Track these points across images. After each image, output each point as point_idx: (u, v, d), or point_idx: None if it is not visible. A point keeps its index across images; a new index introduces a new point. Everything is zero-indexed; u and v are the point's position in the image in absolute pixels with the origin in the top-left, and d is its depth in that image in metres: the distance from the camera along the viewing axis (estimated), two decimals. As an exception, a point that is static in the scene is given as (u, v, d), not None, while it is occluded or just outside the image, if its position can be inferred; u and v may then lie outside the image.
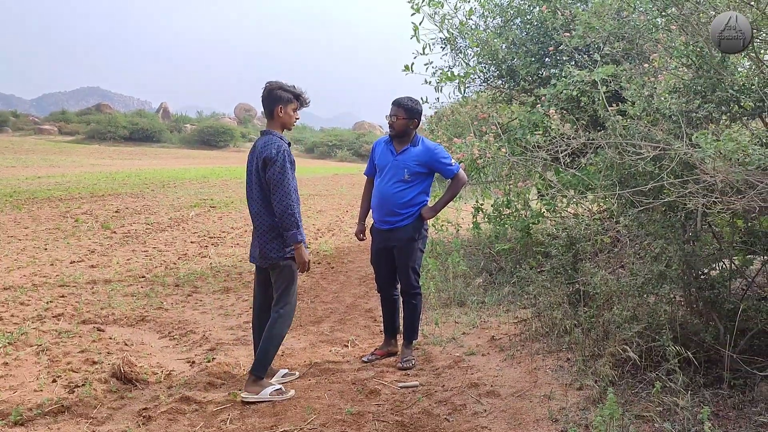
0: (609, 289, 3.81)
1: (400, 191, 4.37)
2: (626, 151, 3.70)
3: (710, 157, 2.98)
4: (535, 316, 4.77)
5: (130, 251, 8.99)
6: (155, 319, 5.67)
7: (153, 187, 19.06)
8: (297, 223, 3.77)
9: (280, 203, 3.74)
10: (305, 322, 5.65)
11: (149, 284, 7.00)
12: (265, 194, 3.84)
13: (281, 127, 3.98)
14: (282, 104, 3.93)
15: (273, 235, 3.86)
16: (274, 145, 3.79)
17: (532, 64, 6.93)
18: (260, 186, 3.85)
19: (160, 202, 15.17)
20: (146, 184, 19.90)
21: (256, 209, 3.89)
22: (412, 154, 4.39)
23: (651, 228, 3.69)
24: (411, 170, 4.36)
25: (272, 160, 3.75)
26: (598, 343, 3.88)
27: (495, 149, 5.84)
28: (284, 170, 3.75)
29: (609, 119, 4.06)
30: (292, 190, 3.77)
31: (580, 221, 5.03)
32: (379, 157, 4.54)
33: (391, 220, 4.41)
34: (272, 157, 3.75)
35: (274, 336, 3.87)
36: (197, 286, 6.98)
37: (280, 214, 3.74)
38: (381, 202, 4.45)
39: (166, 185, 20.13)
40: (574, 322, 4.19)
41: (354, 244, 10.12)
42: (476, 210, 7.11)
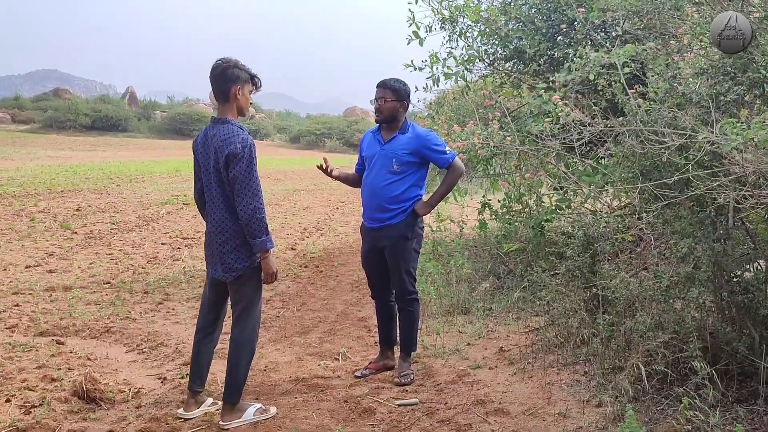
0: (631, 293, 3.82)
1: (389, 184, 4.36)
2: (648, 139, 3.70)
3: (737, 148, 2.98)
4: (549, 325, 4.78)
5: (93, 254, 8.96)
6: (122, 330, 5.65)
7: (118, 182, 19.01)
8: (266, 228, 3.68)
9: (248, 206, 3.62)
10: (290, 333, 5.65)
11: (115, 291, 6.98)
12: (228, 195, 3.72)
13: (237, 113, 3.83)
14: (240, 85, 3.78)
15: (239, 242, 3.74)
16: (239, 138, 3.65)
17: (542, 44, 6.93)
18: (222, 186, 3.73)
19: (126, 199, 15.13)
20: (111, 179, 19.84)
21: (219, 214, 3.76)
22: (400, 142, 4.38)
23: (677, 225, 3.69)
24: (400, 160, 4.35)
25: (237, 156, 3.62)
26: (619, 354, 3.89)
27: (500, 138, 5.84)
28: (251, 167, 3.65)
29: (629, 104, 4.07)
30: (259, 190, 3.68)
31: (598, 218, 5.04)
32: (367, 148, 4.55)
33: (381, 217, 4.41)
34: (237, 153, 3.61)
35: (242, 355, 3.82)
36: (169, 293, 6.97)
37: (248, 218, 3.62)
38: (369, 198, 4.45)
39: (134, 180, 20.08)
40: (592, 331, 4.20)
41: (345, 245, 10.12)
42: (482, 206, 7.12)
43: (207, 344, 3.97)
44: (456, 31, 7.49)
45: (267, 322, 5.94)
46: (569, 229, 4.97)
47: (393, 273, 4.46)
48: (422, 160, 4.42)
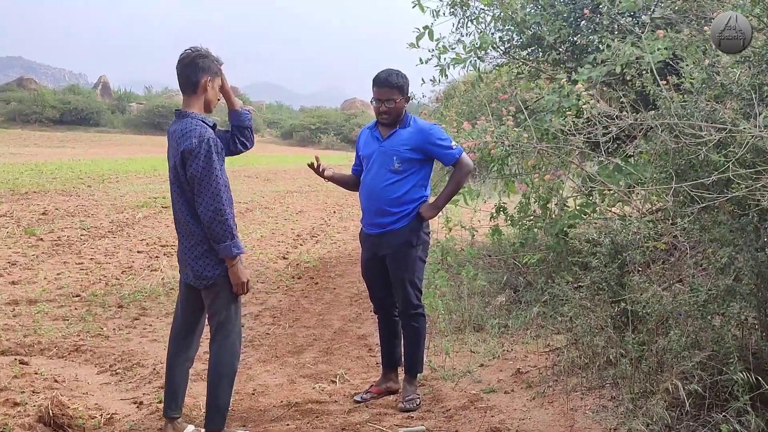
0: (664, 309, 3.81)
1: (390, 185, 4.37)
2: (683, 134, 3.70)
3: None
4: (572, 344, 4.77)
5: (61, 263, 8.98)
6: (93, 349, 5.65)
7: (90, 183, 19.05)
8: (231, 231, 3.66)
9: (208, 208, 3.62)
10: (282, 353, 5.65)
11: (85, 305, 6.99)
12: (189, 197, 3.71)
13: (204, 107, 3.84)
14: (211, 76, 3.80)
15: (206, 247, 3.74)
16: (195, 133, 3.64)
17: (563, 30, 6.94)
18: (182, 187, 3.73)
19: (98, 202, 15.16)
20: (81, 179, 19.89)
21: (182, 217, 3.78)
22: (401, 137, 4.39)
23: (716, 232, 3.69)
24: (402, 157, 4.35)
25: (193, 153, 3.60)
26: (651, 377, 3.88)
27: (515, 136, 5.85)
28: (210, 164, 3.62)
29: (661, 96, 4.07)
30: (222, 190, 3.65)
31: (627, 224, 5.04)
32: (364, 147, 4.56)
33: (382, 222, 4.41)
34: (193, 149, 3.60)
35: (222, 375, 3.82)
36: (146, 308, 6.97)
37: (209, 221, 3.62)
38: (369, 200, 4.46)
39: (107, 180, 20.13)
40: (620, 351, 4.19)
41: (343, 254, 10.13)
42: (497, 210, 7.12)
43: (181, 363, 3.96)
44: (467, 15, 7.51)
45: (256, 340, 5.95)
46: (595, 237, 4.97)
47: (396, 284, 4.46)
48: (426, 156, 4.43)
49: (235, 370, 3.89)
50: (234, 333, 3.86)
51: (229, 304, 3.83)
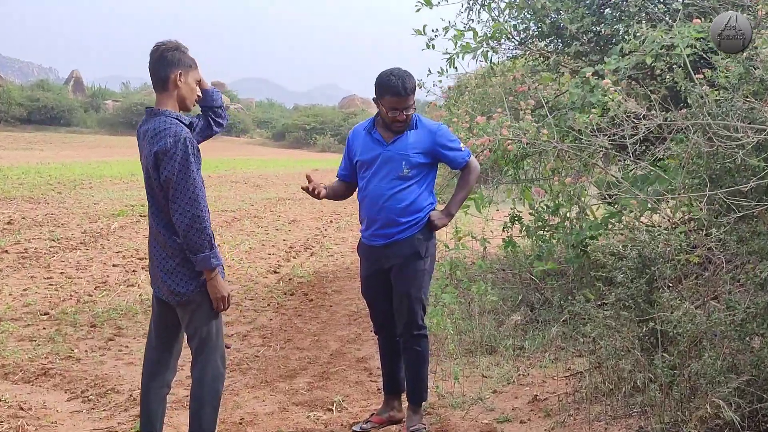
0: (697, 328, 3.80)
1: (398, 192, 4.35)
2: (719, 135, 3.70)
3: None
4: (595, 368, 4.76)
5: (27, 278, 8.98)
6: (62, 372, 5.65)
7: (60, 189, 19.07)
8: (209, 240, 3.63)
9: (185, 214, 3.57)
10: (273, 377, 5.64)
11: (54, 324, 6.98)
12: (162, 204, 3.70)
13: (179, 105, 3.82)
14: (182, 70, 3.77)
15: (179, 260, 3.70)
16: (170, 132, 3.62)
17: (586, 18, 6.95)
18: (153, 193, 3.73)
19: (69, 210, 15.17)
20: (51, 185, 19.91)
21: (155, 226, 3.76)
22: (409, 140, 4.37)
23: (755, 244, 3.69)
24: (411, 162, 4.34)
25: (168, 154, 3.58)
26: (683, 404, 3.87)
27: (534, 131, 5.84)
28: (187, 166, 3.58)
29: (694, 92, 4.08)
30: (200, 195, 3.62)
31: (656, 235, 5.03)
32: (362, 151, 4.49)
33: (388, 233, 4.40)
34: (168, 149, 3.58)
35: (205, 403, 3.81)
36: (122, 327, 6.97)
37: (185, 230, 3.58)
38: (373, 211, 4.43)
39: (79, 185, 20.15)
40: (648, 376, 4.18)
41: (341, 268, 10.12)
42: (511, 219, 7.11)
43: (157, 389, 3.93)
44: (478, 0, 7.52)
45: (244, 363, 5.94)
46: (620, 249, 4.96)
47: (400, 301, 4.44)
48: (434, 159, 4.44)
49: (220, 397, 3.87)
50: (216, 355, 3.83)
51: (209, 321, 3.79)
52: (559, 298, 6.08)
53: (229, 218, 14.90)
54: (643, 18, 6.20)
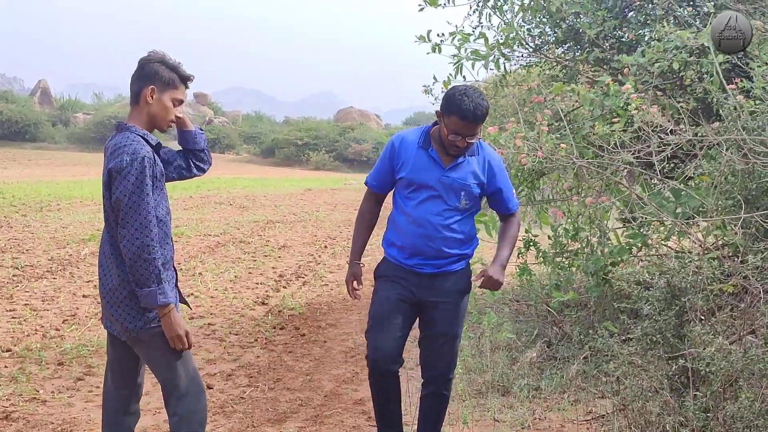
0: (732, 366, 3.80)
1: (454, 223, 4.31)
2: (754, 152, 3.72)
3: None
4: (619, 410, 4.76)
5: (-12, 310, 8.97)
6: (26, 416, 5.63)
7: (25, 211, 19.09)
8: (157, 274, 3.55)
9: (132, 242, 3.51)
10: (260, 422, 5.63)
11: (18, 362, 6.97)
12: (113, 227, 3.67)
13: (148, 123, 3.80)
14: (157, 86, 3.76)
15: (127, 292, 3.67)
16: (128, 149, 3.59)
17: (607, 22, 7.00)
18: (106, 214, 3.72)
19: (35, 234, 15.18)
20: (14, 206, 19.94)
21: (106, 250, 3.74)
22: (470, 168, 4.29)
23: (796, 271, 3.69)
24: (471, 194, 4.29)
25: (122, 172, 3.55)
26: (718, 451, 3.86)
27: (551, 143, 5.85)
28: (141, 188, 3.54)
29: (727, 105, 4.09)
30: (152, 221, 3.56)
31: (686, 262, 5.04)
32: (413, 168, 4.34)
33: (436, 263, 4.36)
34: (122, 168, 3.55)
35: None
36: (92, 366, 6.95)
37: (131, 259, 3.51)
38: (422, 241, 4.32)
39: (46, 208, 20.17)
40: (679, 419, 4.18)
41: (336, 299, 10.11)
42: (525, 245, 7.12)
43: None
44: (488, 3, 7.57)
45: (228, 406, 5.92)
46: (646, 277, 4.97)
47: (444, 341, 4.39)
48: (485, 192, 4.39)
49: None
50: (189, 398, 3.79)
51: (170, 362, 3.75)
52: (579, 333, 6.09)
53: (213, 243, 14.90)
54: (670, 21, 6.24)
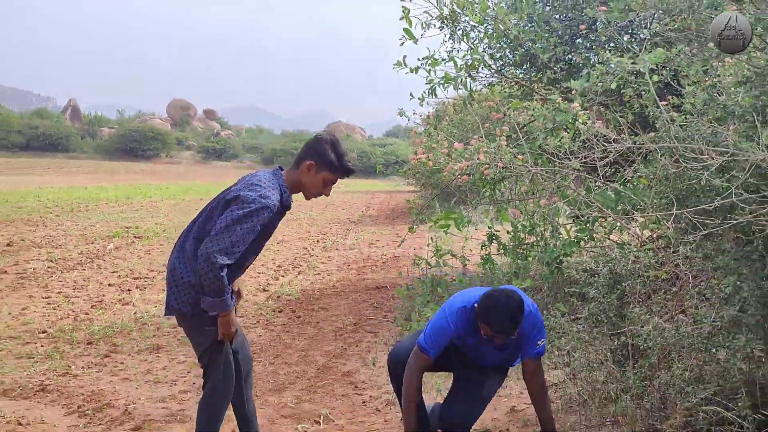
0: (666, 341, 3.82)
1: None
2: (684, 158, 3.73)
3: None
4: (570, 379, 4.77)
5: (26, 297, 8.89)
6: (60, 388, 5.59)
7: (58, 212, 18.95)
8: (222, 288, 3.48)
9: (214, 245, 3.45)
10: (262, 391, 5.60)
11: (52, 342, 6.92)
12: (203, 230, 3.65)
13: (295, 186, 3.81)
14: (316, 162, 3.76)
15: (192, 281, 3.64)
16: (262, 192, 3.56)
17: (558, 47, 7.02)
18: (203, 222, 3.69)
19: (67, 232, 15.07)
20: (49, 208, 19.79)
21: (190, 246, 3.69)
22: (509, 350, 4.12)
23: (719, 260, 3.71)
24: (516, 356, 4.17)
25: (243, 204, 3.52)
26: (653, 413, 3.87)
27: (509, 156, 5.87)
28: (248, 225, 3.50)
29: (661, 117, 4.11)
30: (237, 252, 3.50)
31: (626, 252, 5.06)
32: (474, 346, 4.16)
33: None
34: (246, 201, 3.52)
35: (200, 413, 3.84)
36: (117, 344, 6.91)
37: (205, 257, 3.44)
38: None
39: (76, 209, 20.03)
40: (621, 387, 4.19)
41: (327, 286, 10.09)
42: (488, 238, 7.12)
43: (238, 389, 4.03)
44: (458, 31, 7.57)
45: (234, 378, 5.89)
46: (592, 266, 4.99)
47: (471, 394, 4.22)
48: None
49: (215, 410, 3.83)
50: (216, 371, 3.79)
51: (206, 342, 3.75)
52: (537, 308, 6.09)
53: (220, 239, 14.82)
54: (612, 47, 6.27)
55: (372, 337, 7.22)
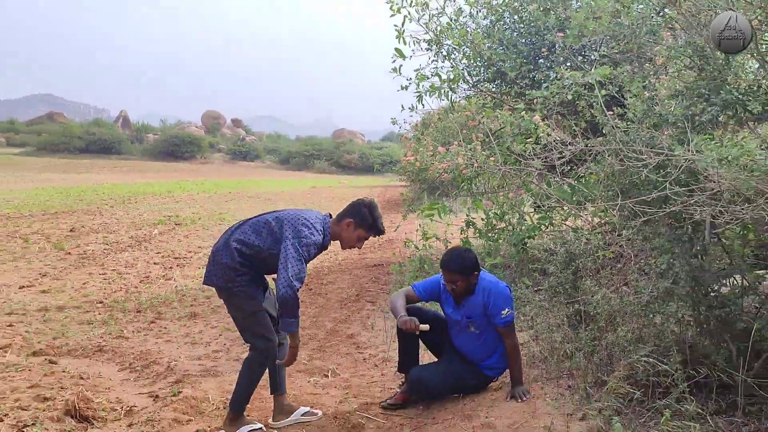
0: (612, 308, 3.82)
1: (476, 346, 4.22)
2: (627, 158, 3.72)
3: (713, 164, 3.01)
4: (533, 340, 4.77)
5: (86, 274, 8.88)
6: (114, 349, 5.59)
7: (112, 203, 18.91)
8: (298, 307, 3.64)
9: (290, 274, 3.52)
10: (281, 350, 5.61)
11: (107, 310, 6.92)
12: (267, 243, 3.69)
13: (335, 236, 3.85)
14: (355, 221, 3.82)
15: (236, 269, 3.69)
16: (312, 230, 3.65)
17: (524, 66, 7.01)
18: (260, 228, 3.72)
19: (119, 220, 15.04)
20: (104, 200, 19.74)
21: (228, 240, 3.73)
22: (471, 305, 4.15)
23: (656, 241, 3.71)
24: (478, 323, 4.14)
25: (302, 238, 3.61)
26: (602, 368, 3.88)
27: (483, 158, 5.87)
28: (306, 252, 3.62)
29: (608, 124, 4.10)
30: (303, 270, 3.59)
31: (579, 235, 5.06)
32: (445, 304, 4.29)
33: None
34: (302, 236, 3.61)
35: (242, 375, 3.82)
36: (161, 312, 6.91)
37: (286, 285, 3.52)
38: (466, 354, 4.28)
39: (127, 201, 19.99)
40: (575, 346, 4.19)
41: (333, 264, 10.09)
42: (466, 224, 7.13)
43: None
44: (442, 51, 7.55)
45: (257, 340, 5.90)
46: (551, 246, 4.98)
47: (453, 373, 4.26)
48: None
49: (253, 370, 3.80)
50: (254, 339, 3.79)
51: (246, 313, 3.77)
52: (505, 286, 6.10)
53: (246, 226, 14.82)
54: (567, 66, 6.25)
55: (371, 306, 7.23)
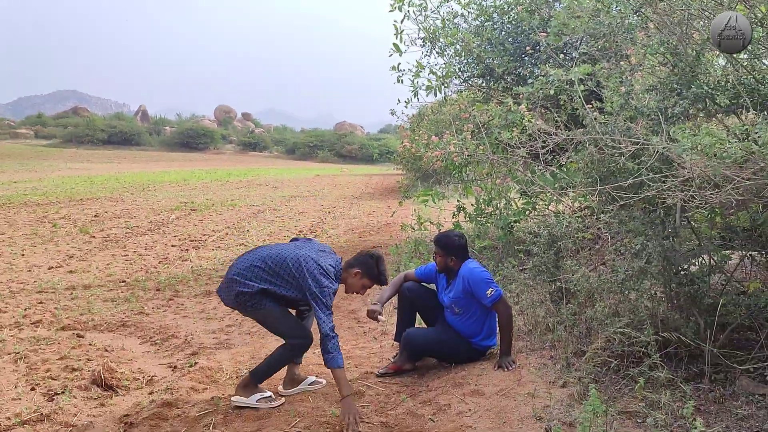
0: (590, 286, 3.83)
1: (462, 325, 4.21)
2: (606, 146, 3.72)
3: (687, 152, 3.00)
4: (518, 315, 4.78)
5: (109, 256, 8.87)
6: (136, 324, 5.59)
7: (132, 191, 18.87)
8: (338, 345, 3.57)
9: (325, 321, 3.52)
10: (288, 325, 5.61)
11: (129, 289, 6.91)
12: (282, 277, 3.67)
13: (343, 280, 3.82)
14: (362, 271, 3.79)
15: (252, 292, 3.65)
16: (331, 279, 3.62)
17: (510, 63, 6.97)
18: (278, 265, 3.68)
19: (139, 206, 15.01)
20: (125, 188, 19.70)
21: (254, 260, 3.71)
22: (454, 289, 4.17)
23: (631, 224, 3.71)
24: (460, 304, 4.15)
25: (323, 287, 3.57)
26: (581, 340, 3.89)
27: (473, 147, 5.85)
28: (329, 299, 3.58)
29: (588, 116, 4.08)
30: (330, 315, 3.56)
31: (561, 219, 5.06)
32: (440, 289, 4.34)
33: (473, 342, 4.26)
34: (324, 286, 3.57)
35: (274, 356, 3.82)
36: (178, 290, 6.91)
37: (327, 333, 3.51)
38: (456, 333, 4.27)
39: (146, 189, 19.94)
40: (557, 320, 4.20)
41: (336, 246, 10.09)
42: (458, 209, 7.12)
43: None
44: (435, 48, 7.52)
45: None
46: (535, 229, 4.99)
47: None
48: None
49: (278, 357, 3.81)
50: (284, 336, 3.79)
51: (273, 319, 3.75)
52: (493, 265, 6.10)
53: (255, 210, 14.80)
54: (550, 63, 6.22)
55: (370, 284, 7.23)
